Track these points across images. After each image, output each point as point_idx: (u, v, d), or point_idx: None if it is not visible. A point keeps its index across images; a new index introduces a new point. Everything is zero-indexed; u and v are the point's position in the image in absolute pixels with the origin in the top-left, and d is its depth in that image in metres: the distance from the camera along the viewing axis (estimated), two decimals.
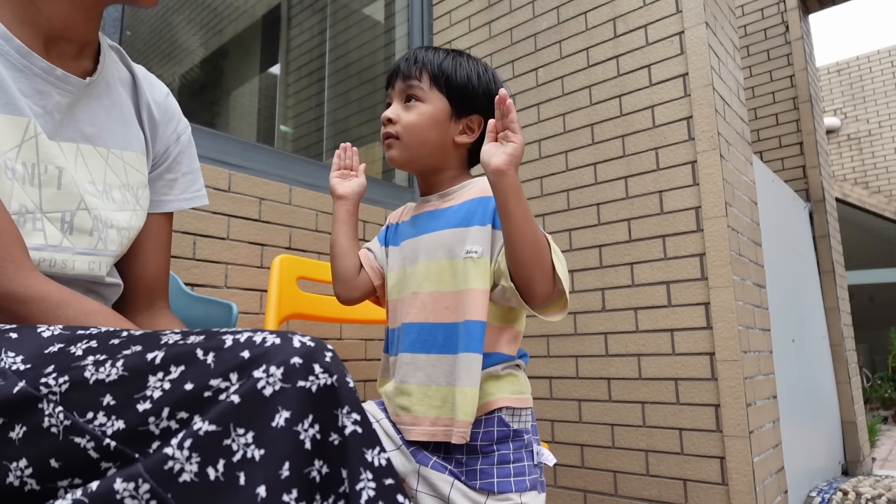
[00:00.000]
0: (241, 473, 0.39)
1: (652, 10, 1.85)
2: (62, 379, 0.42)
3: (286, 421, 0.41)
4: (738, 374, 1.56)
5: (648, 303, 1.74)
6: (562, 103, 2.02)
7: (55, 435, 0.41)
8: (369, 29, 2.67)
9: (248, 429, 0.40)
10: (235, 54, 2.82)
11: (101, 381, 0.42)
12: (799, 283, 2.65)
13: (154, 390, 0.42)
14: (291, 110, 2.76)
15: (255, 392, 0.41)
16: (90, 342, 0.46)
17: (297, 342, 0.44)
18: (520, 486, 0.86)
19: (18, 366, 0.44)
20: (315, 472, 0.42)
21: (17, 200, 0.60)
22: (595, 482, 1.78)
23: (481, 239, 0.91)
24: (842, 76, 7.41)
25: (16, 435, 0.41)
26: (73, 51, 0.69)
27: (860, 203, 6.48)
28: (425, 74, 0.96)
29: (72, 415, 0.41)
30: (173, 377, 0.42)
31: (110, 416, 0.41)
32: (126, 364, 0.43)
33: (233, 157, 1.62)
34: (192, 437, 0.39)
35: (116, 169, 0.72)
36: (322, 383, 0.43)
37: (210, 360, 0.43)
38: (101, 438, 0.41)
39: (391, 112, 0.97)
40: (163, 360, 0.43)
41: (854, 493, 2.42)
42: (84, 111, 0.69)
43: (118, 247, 0.72)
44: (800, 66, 3.07)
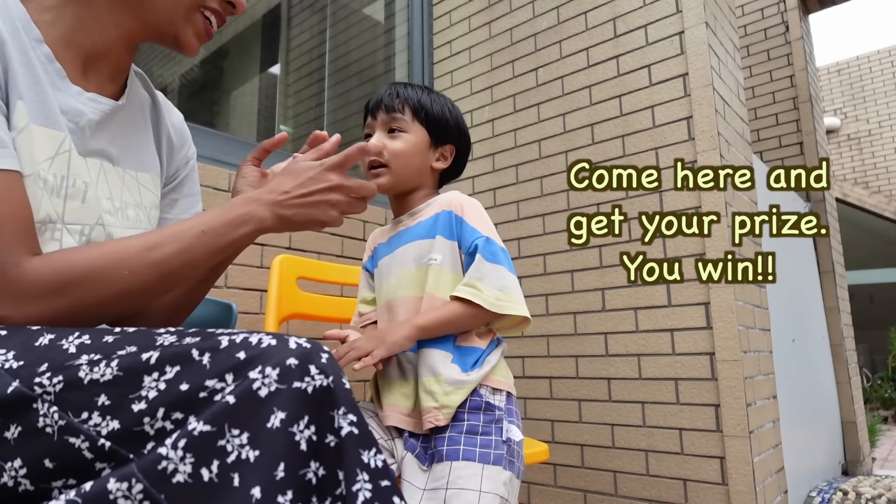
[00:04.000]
0: (235, 474, 0.39)
1: (652, 10, 1.85)
2: (56, 379, 0.42)
3: (281, 422, 0.41)
4: (738, 374, 1.56)
5: (648, 303, 1.74)
6: (562, 103, 2.02)
7: (50, 435, 0.41)
8: (369, 29, 2.67)
9: (242, 430, 0.40)
10: (235, 54, 2.82)
11: (95, 380, 0.42)
12: (799, 282, 2.65)
13: (149, 390, 0.41)
14: (291, 110, 2.76)
15: (250, 393, 0.41)
16: (82, 337, 0.46)
17: (293, 343, 0.44)
18: (484, 457, 0.89)
19: (11, 363, 0.44)
20: (311, 474, 0.41)
21: (44, 210, 0.61)
22: (595, 482, 1.78)
23: (444, 249, 1.02)
24: (842, 76, 7.41)
25: (11, 435, 0.41)
26: (108, 73, 0.72)
27: (860, 203, 6.48)
28: (407, 108, 1.08)
29: (66, 415, 0.41)
30: (168, 377, 0.42)
31: (105, 416, 0.41)
32: (121, 364, 0.42)
33: (233, 157, 1.62)
34: (186, 438, 0.39)
35: (131, 188, 0.74)
36: (318, 384, 0.43)
37: (206, 360, 0.43)
38: (95, 439, 0.40)
39: (377, 140, 1.08)
40: (158, 360, 0.42)
41: (854, 493, 2.42)
42: (110, 132, 0.72)
43: None
44: (800, 66, 3.07)
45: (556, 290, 1.94)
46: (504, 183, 2.13)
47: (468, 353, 1.00)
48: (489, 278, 0.97)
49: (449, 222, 1.04)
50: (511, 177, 2.11)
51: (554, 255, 1.96)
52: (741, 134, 1.91)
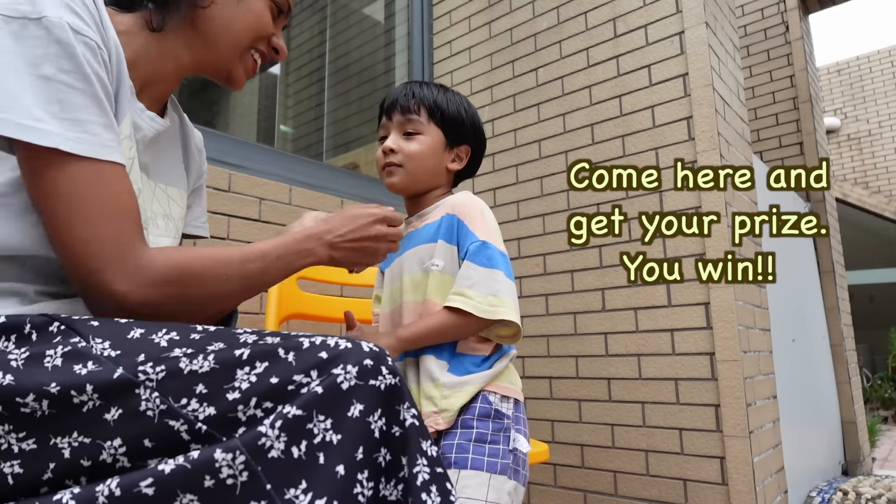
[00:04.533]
0: (320, 454, 0.46)
1: (652, 10, 1.85)
2: (159, 368, 0.47)
3: (360, 412, 0.49)
4: (738, 374, 1.56)
5: (648, 303, 1.74)
6: (562, 103, 2.02)
7: (151, 418, 0.46)
8: (369, 29, 2.68)
9: (327, 416, 0.47)
10: None
11: (194, 371, 0.48)
12: (799, 283, 2.65)
13: (242, 382, 0.48)
14: (291, 110, 2.76)
15: (335, 386, 0.48)
16: (170, 333, 0.52)
17: (366, 347, 0.52)
18: (491, 466, 0.89)
19: (109, 351, 0.49)
20: (381, 458, 0.49)
21: None
22: (595, 482, 1.78)
23: (445, 254, 1.02)
24: (842, 76, 7.41)
25: (111, 417, 0.46)
26: (156, 97, 0.78)
27: (860, 203, 6.48)
28: (423, 109, 1.07)
29: (168, 400, 0.46)
30: (259, 371, 0.48)
31: (202, 402, 0.47)
32: (216, 358, 0.49)
33: (233, 157, 1.62)
34: (281, 419, 0.45)
35: (162, 201, 0.80)
36: (388, 383, 0.51)
37: (291, 358, 0.49)
38: (193, 422, 0.46)
39: (392, 143, 1.07)
40: (249, 356, 0.49)
41: (854, 493, 2.42)
42: (153, 149, 0.78)
43: None
44: (800, 66, 3.07)
45: (556, 290, 1.94)
46: (504, 183, 2.13)
47: (468, 360, 0.98)
48: (481, 284, 0.96)
49: (450, 226, 1.03)
50: (511, 177, 2.11)
51: (554, 255, 1.96)
52: (741, 134, 1.91)
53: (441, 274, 1.01)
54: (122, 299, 0.58)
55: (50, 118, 0.55)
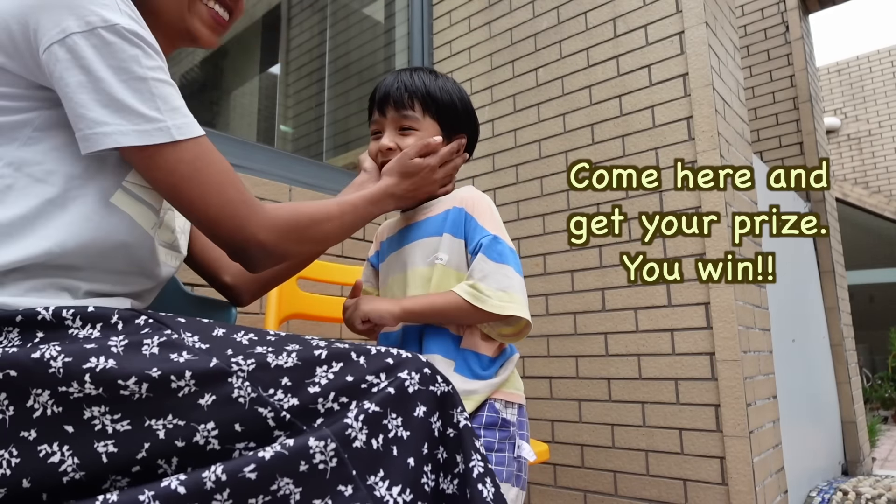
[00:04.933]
0: (394, 447, 0.52)
1: (652, 10, 1.85)
2: (249, 361, 0.52)
3: (424, 413, 0.55)
4: (738, 374, 1.56)
5: (648, 303, 1.74)
6: (562, 103, 2.02)
7: (242, 404, 0.51)
8: (369, 29, 2.67)
9: (398, 414, 0.53)
10: (235, 54, 2.82)
11: (279, 366, 0.53)
12: (799, 283, 2.65)
13: (321, 378, 0.53)
14: (291, 110, 2.76)
15: (403, 388, 0.55)
16: (249, 334, 0.57)
17: (423, 357, 0.59)
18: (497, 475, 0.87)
19: (200, 345, 0.54)
20: (440, 455, 0.56)
21: None
22: (595, 482, 1.78)
23: (450, 248, 0.99)
24: (842, 76, 7.41)
25: (204, 402, 0.50)
26: None
27: (860, 203, 6.48)
28: (417, 103, 1.03)
29: (257, 389, 0.51)
30: (335, 370, 0.54)
31: (287, 393, 0.52)
32: (298, 355, 0.54)
33: (233, 157, 1.62)
34: (363, 413, 0.51)
35: None
36: (443, 389, 0.58)
37: (362, 361, 0.56)
38: (279, 410, 0.51)
39: (389, 141, 1.03)
40: (326, 356, 0.55)
41: (854, 493, 2.42)
42: None
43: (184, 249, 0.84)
44: (800, 66, 3.07)
45: (556, 290, 1.94)
46: (504, 183, 2.13)
47: (473, 359, 0.96)
48: (492, 278, 0.94)
49: (458, 220, 1.00)
50: (511, 177, 2.11)
51: (554, 255, 1.96)
52: (741, 134, 1.91)
53: (445, 268, 0.98)
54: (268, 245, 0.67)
55: (159, 114, 0.61)
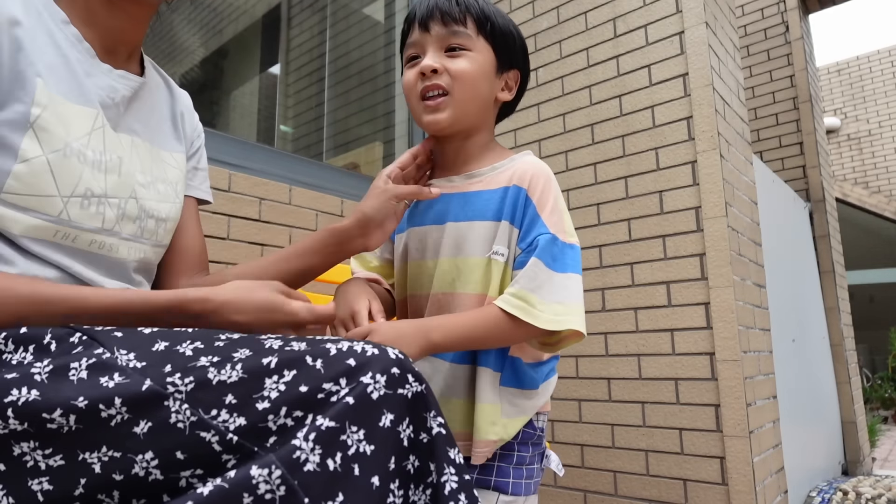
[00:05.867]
0: (355, 465, 0.45)
1: (652, 10, 1.85)
2: (187, 379, 0.47)
3: (391, 422, 0.48)
4: (738, 374, 1.56)
5: (648, 303, 1.74)
6: (562, 103, 2.02)
7: (181, 430, 0.45)
8: (369, 29, 2.67)
9: (360, 427, 0.46)
10: (235, 54, 2.82)
11: (223, 381, 0.47)
12: (799, 283, 2.65)
13: (271, 391, 0.47)
14: (291, 110, 2.76)
15: (365, 395, 0.48)
16: (195, 342, 0.51)
17: (392, 353, 0.51)
18: (528, 489, 0.83)
19: (135, 363, 0.48)
20: (410, 466, 0.49)
21: (85, 184, 0.65)
22: (595, 482, 1.78)
23: (507, 240, 0.81)
24: (842, 76, 7.41)
25: (140, 430, 0.45)
26: (125, 54, 0.75)
27: (860, 203, 6.48)
28: (470, 19, 0.82)
29: (198, 411, 0.46)
30: (287, 380, 0.47)
31: (232, 413, 0.46)
32: (244, 367, 0.48)
33: (233, 157, 1.62)
34: (315, 431, 0.45)
35: (157, 164, 0.78)
36: (415, 391, 0.51)
37: (319, 365, 0.48)
38: (224, 433, 0.45)
39: (433, 60, 0.80)
40: (277, 364, 0.48)
41: (854, 493, 2.42)
42: (136, 108, 0.76)
43: (155, 237, 0.76)
44: (800, 66, 3.07)
45: None
46: None
47: (521, 367, 0.82)
48: (546, 288, 0.77)
49: (516, 203, 0.81)
50: None
51: None
52: (741, 134, 1.91)
53: (505, 266, 0.80)
54: None
55: None
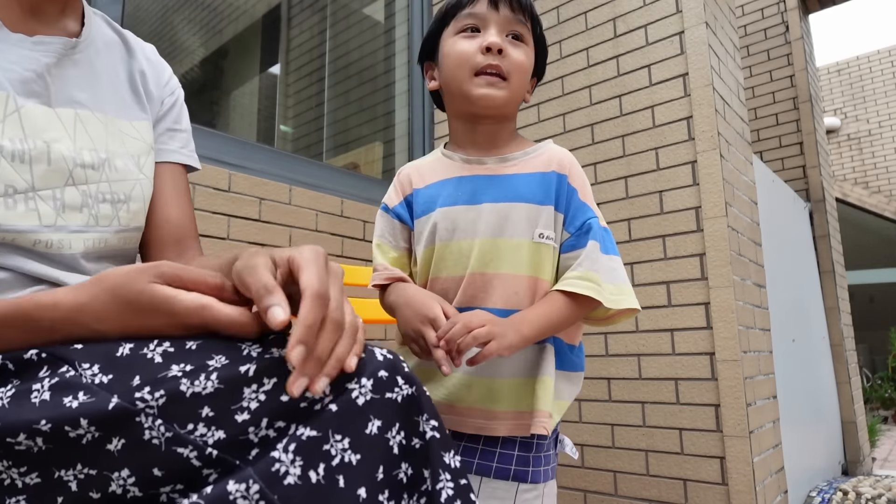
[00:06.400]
0: (340, 476, 0.42)
1: (652, 10, 1.85)
2: (158, 393, 0.42)
3: (378, 429, 0.45)
4: (738, 374, 1.56)
5: (648, 303, 1.74)
6: (562, 103, 2.02)
7: (157, 446, 0.42)
8: (369, 29, 2.68)
9: (344, 435, 0.43)
10: (235, 54, 2.82)
11: (197, 393, 0.43)
12: (799, 282, 2.65)
13: (250, 401, 0.43)
14: (291, 110, 2.76)
15: (350, 402, 0.44)
16: (163, 345, 0.46)
17: (380, 355, 0.48)
18: (546, 475, 0.83)
19: (100, 377, 0.44)
20: (402, 474, 0.46)
21: (3, 181, 0.57)
22: (595, 482, 1.78)
23: (553, 224, 0.82)
24: (842, 76, 7.41)
25: (113, 447, 0.42)
26: (55, 11, 0.65)
27: (860, 203, 6.48)
28: (529, 16, 0.87)
29: (172, 427, 0.42)
30: (267, 388, 0.43)
31: (210, 426, 0.42)
32: (220, 376, 0.43)
33: (233, 157, 1.62)
34: (295, 442, 0.42)
35: (114, 136, 0.68)
36: (405, 393, 0.47)
37: None
38: (203, 448, 0.42)
39: (502, 42, 0.82)
40: (255, 371, 0.44)
41: (854, 493, 2.42)
42: (75, 76, 0.65)
43: (115, 222, 0.67)
44: (800, 66, 3.07)
45: None
46: None
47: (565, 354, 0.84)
48: (605, 271, 0.80)
49: (560, 189, 0.82)
50: None
51: None
52: (741, 134, 1.91)
53: (554, 250, 0.82)
54: None
55: None
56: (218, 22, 2.80)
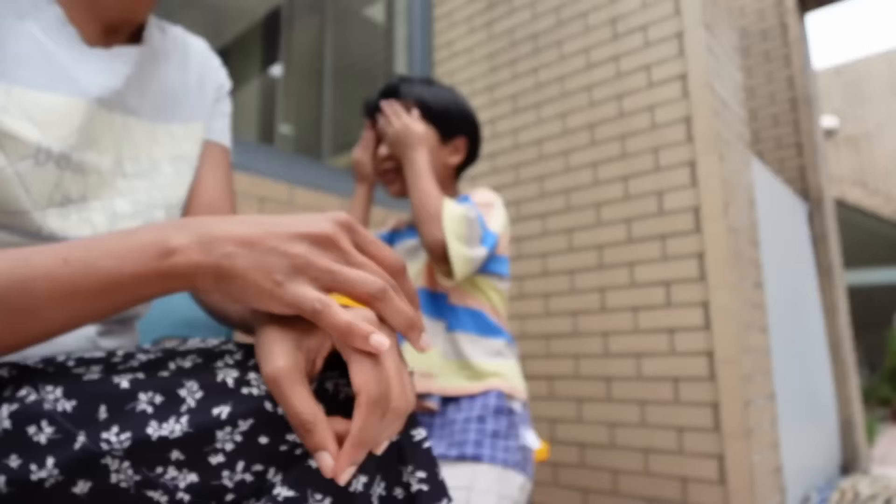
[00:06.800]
0: None
1: (651, 10, 1.86)
2: (124, 436, 0.39)
3: (364, 486, 0.41)
4: (736, 373, 1.56)
5: (648, 303, 1.74)
6: (562, 103, 2.03)
7: (126, 489, 0.39)
8: (369, 30, 2.68)
9: (325, 494, 0.39)
10: (236, 55, 2.82)
11: (164, 437, 0.39)
12: (797, 282, 2.66)
13: (224, 443, 0.40)
14: (291, 110, 2.76)
15: None
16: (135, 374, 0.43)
17: None
18: (505, 461, 0.90)
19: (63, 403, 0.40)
20: None
21: (62, 191, 0.56)
22: (594, 481, 1.78)
23: None
24: (841, 77, 7.42)
25: (80, 490, 0.39)
26: (127, 32, 0.67)
27: (859, 204, 6.49)
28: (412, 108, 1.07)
29: (141, 470, 0.39)
30: (244, 430, 0.40)
31: (181, 468, 0.39)
32: (191, 421, 0.40)
33: (233, 157, 1.62)
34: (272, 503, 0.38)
35: (163, 143, 0.68)
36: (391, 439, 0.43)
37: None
38: (174, 492, 0.39)
39: (384, 150, 1.09)
40: (230, 414, 0.40)
41: (852, 492, 2.42)
42: (135, 84, 0.66)
43: None
44: (798, 67, 3.08)
45: (556, 290, 1.94)
46: (504, 183, 2.13)
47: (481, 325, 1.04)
48: None
49: (461, 202, 1.06)
50: (511, 177, 2.12)
51: (554, 255, 1.97)
52: (740, 135, 1.92)
53: None
54: None
55: None
56: (218, 22, 2.81)
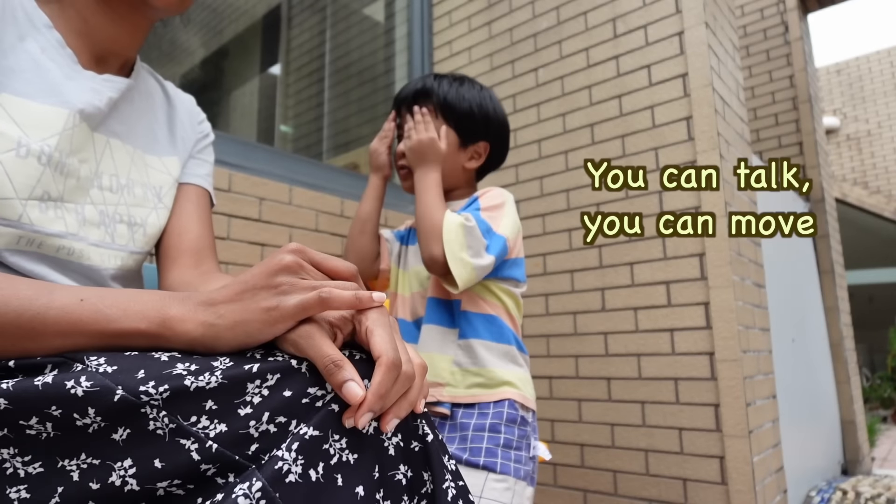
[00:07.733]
0: (338, 475, 0.43)
1: (652, 10, 1.85)
2: (162, 388, 0.43)
3: (374, 430, 0.46)
4: (737, 373, 1.56)
5: (648, 303, 1.74)
6: (562, 103, 2.03)
7: (161, 437, 0.43)
8: (369, 29, 2.68)
9: (342, 435, 0.45)
10: (235, 54, 2.82)
11: (201, 388, 0.44)
12: (798, 282, 2.66)
13: (253, 396, 0.44)
14: (291, 110, 2.76)
15: None
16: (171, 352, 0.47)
17: None
18: (517, 472, 0.90)
19: (105, 367, 0.44)
20: (400, 475, 0.47)
21: (43, 186, 0.63)
22: (595, 482, 1.78)
23: None
24: (841, 76, 7.41)
25: (119, 437, 0.43)
26: (116, 64, 0.75)
27: (860, 203, 6.48)
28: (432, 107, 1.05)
29: (176, 418, 0.43)
30: (270, 384, 0.45)
31: (213, 419, 0.43)
32: (225, 373, 0.44)
33: (233, 157, 1.62)
34: (298, 441, 0.43)
35: (139, 167, 0.76)
36: None
37: (304, 369, 0.46)
38: (204, 440, 0.43)
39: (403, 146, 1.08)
40: (259, 369, 0.45)
41: (853, 493, 2.42)
42: (119, 111, 0.75)
43: (131, 243, 0.73)
44: (799, 66, 3.07)
45: (556, 290, 1.94)
46: (504, 183, 2.13)
47: None
48: None
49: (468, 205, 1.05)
50: (511, 177, 2.11)
51: (554, 255, 1.96)
52: (741, 134, 1.91)
53: None
54: None
55: None
56: (218, 22, 2.81)
